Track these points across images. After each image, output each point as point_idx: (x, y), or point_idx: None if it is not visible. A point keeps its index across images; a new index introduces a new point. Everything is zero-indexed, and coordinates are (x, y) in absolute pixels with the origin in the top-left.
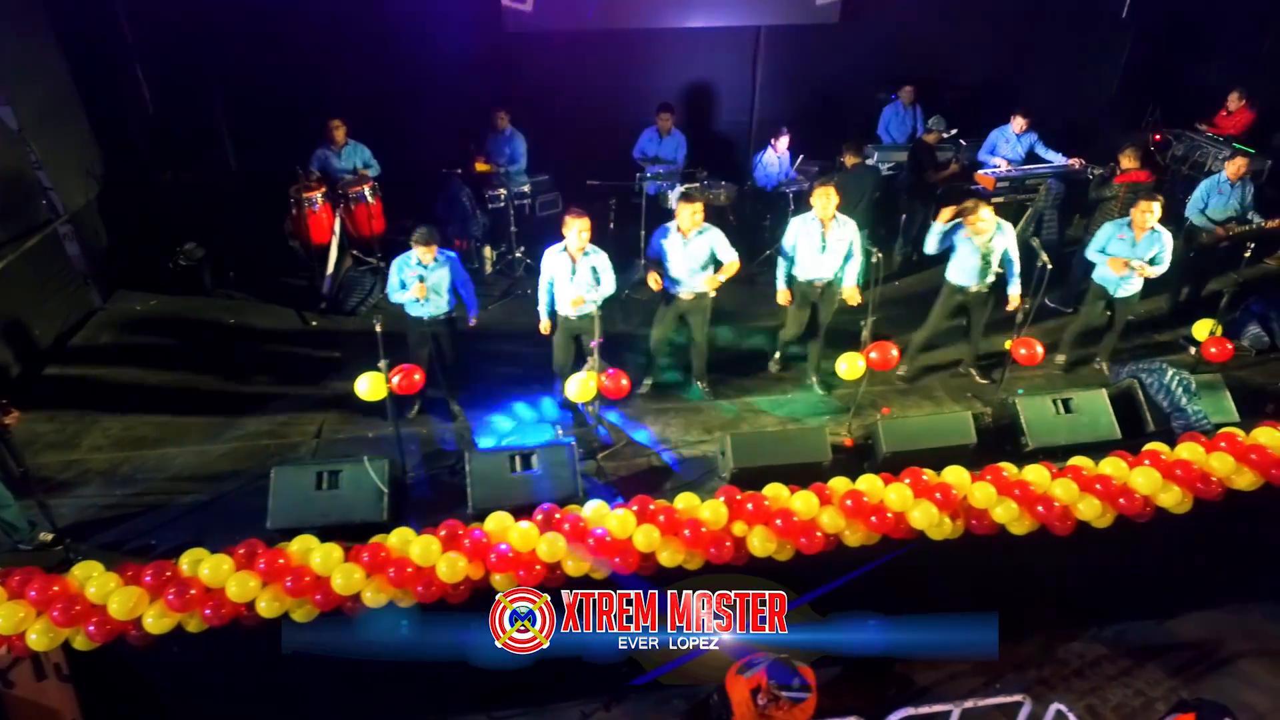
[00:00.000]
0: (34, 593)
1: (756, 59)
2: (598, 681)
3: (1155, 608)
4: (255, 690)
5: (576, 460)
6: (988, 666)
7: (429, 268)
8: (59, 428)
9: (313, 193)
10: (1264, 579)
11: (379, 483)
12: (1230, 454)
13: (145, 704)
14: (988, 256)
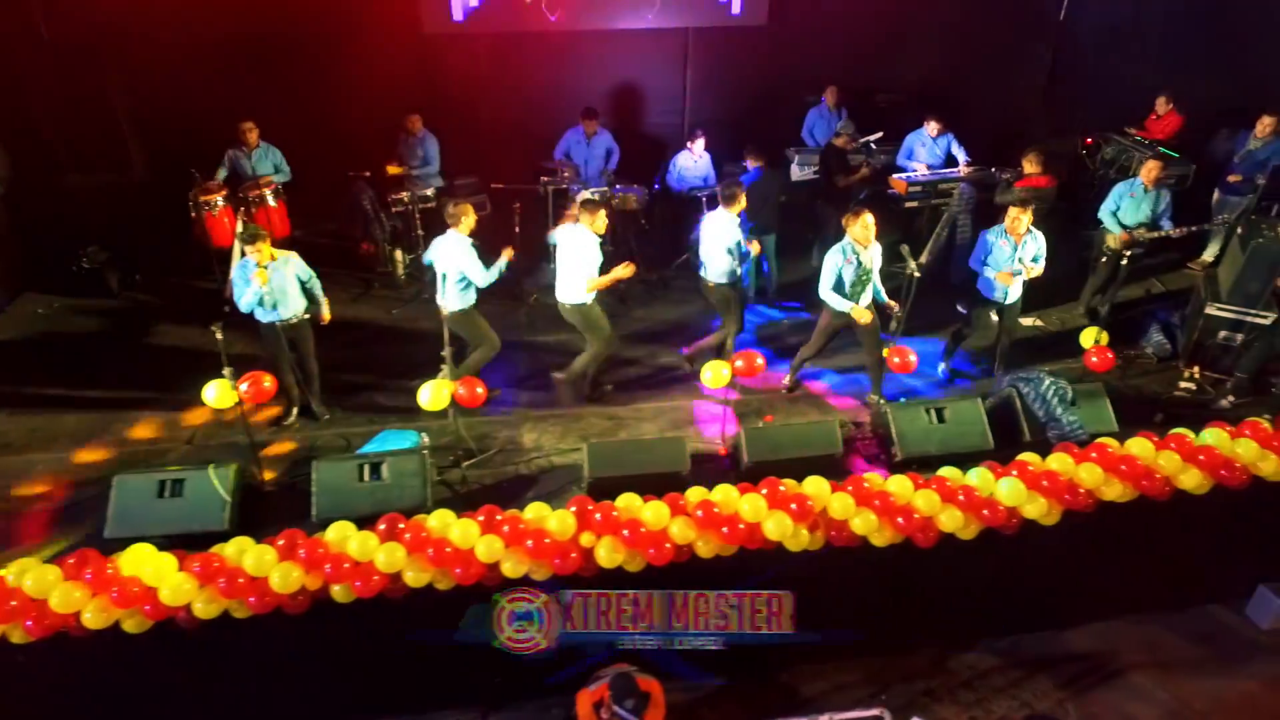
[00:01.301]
0: None
1: (686, 61)
2: (474, 690)
3: (1054, 618)
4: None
5: (427, 469)
6: (876, 676)
7: (269, 267)
8: None
9: (212, 196)
10: (1164, 588)
11: (221, 491)
12: (1100, 465)
13: None
14: (869, 273)
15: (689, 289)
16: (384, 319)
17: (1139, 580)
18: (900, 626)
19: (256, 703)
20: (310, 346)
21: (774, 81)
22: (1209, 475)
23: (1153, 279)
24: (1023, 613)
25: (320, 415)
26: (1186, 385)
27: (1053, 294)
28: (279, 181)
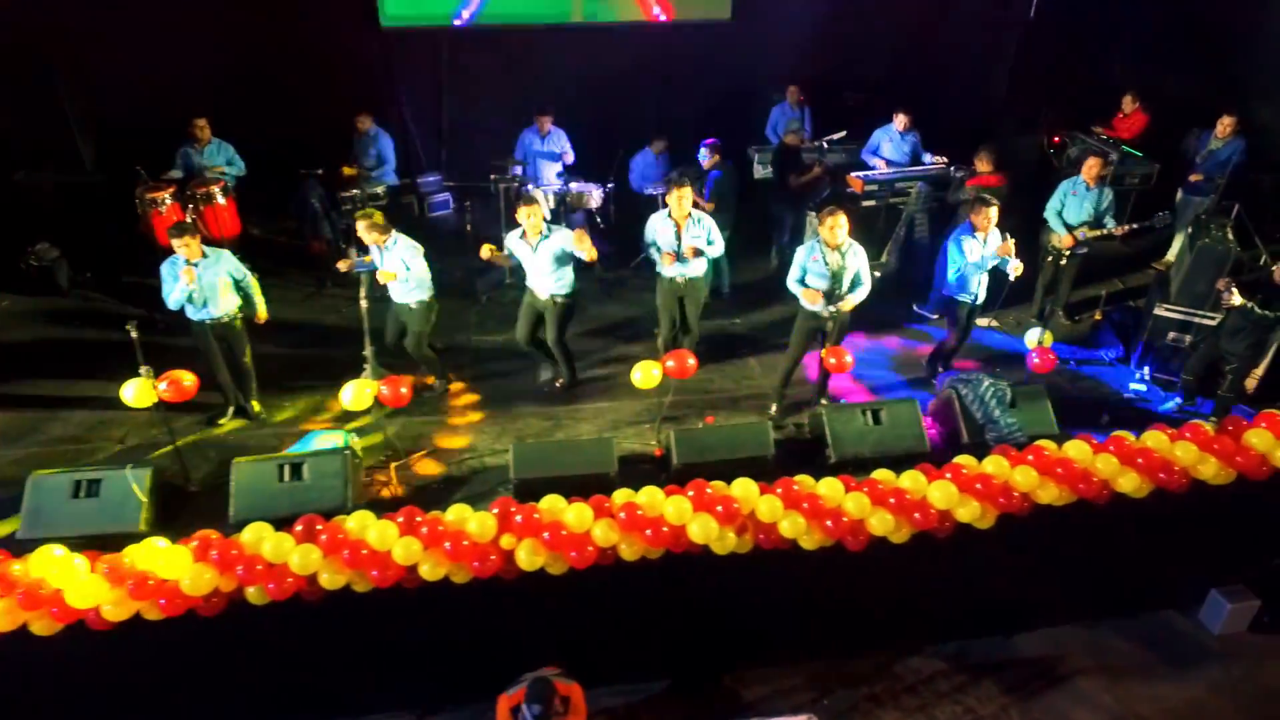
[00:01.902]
0: None
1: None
2: (410, 696)
3: (1004, 624)
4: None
5: (348, 470)
6: (819, 680)
7: (197, 264)
8: None
9: (159, 194)
10: (1118, 594)
11: (138, 492)
12: (1035, 468)
13: None
14: (838, 276)
15: (645, 288)
16: (334, 318)
17: (1092, 585)
18: (846, 630)
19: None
20: (244, 346)
21: (739, 79)
22: (1148, 478)
23: (1115, 279)
24: (972, 618)
25: (256, 415)
26: (1136, 387)
27: (1009, 295)
28: (234, 176)
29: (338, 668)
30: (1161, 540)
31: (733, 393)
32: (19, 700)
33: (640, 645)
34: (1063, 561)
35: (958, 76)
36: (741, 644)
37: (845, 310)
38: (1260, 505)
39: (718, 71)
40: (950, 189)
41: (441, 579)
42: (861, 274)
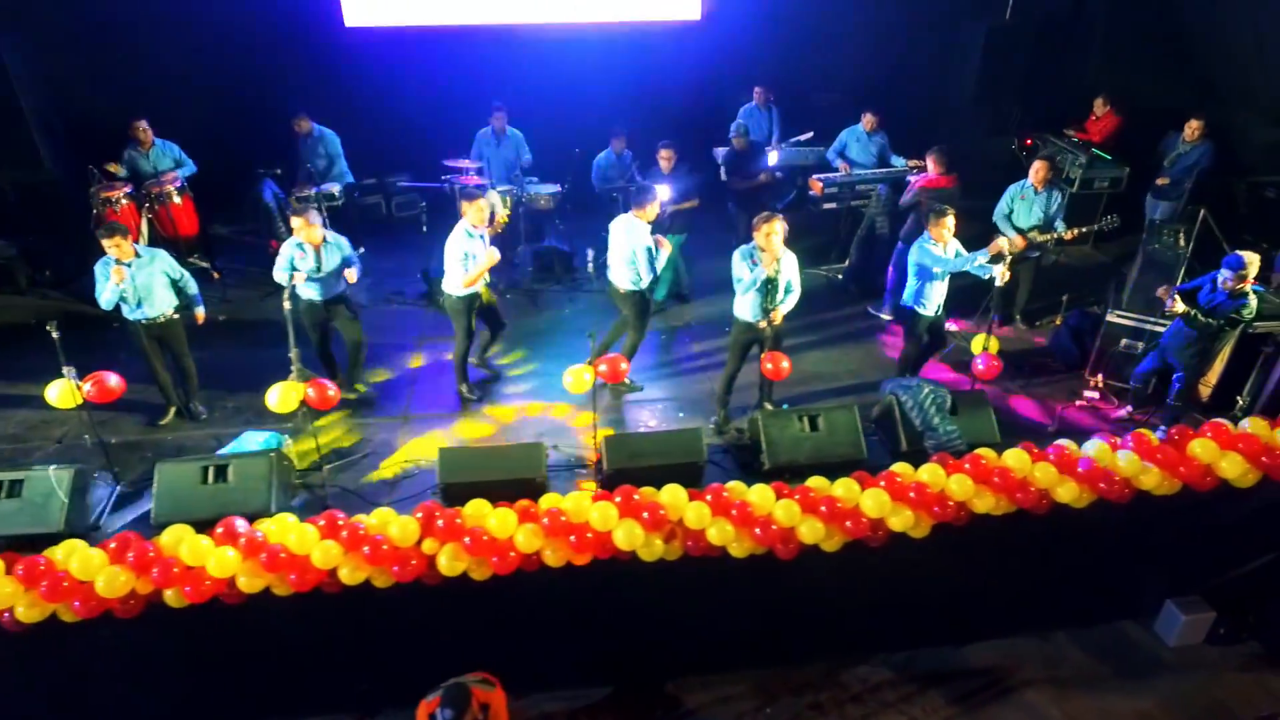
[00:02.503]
0: None
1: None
2: (344, 696)
3: (956, 633)
4: None
5: (274, 472)
6: (763, 688)
7: (131, 264)
8: None
9: (114, 193)
10: (1074, 604)
11: (59, 492)
12: (972, 476)
13: None
14: (774, 283)
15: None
16: None
17: (1046, 595)
18: (792, 638)
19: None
20: (183, 346)
21: (706, 80)
22: (1088, 488)
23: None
24: (922, 627)
25: (198, 415)
26: (1089, 394)
27: (970, 301)
28: (184, 174)
29: (269, 669)
30: (1116, 550)
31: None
32: None
33: (579, 652)
34: (1014, 571)
35: (927, 77)
36: (684, 651)
37: (779, 318)
38: (1216, 515)
39: (687, 72)
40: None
41: (363, 583)
42: (793, 281)
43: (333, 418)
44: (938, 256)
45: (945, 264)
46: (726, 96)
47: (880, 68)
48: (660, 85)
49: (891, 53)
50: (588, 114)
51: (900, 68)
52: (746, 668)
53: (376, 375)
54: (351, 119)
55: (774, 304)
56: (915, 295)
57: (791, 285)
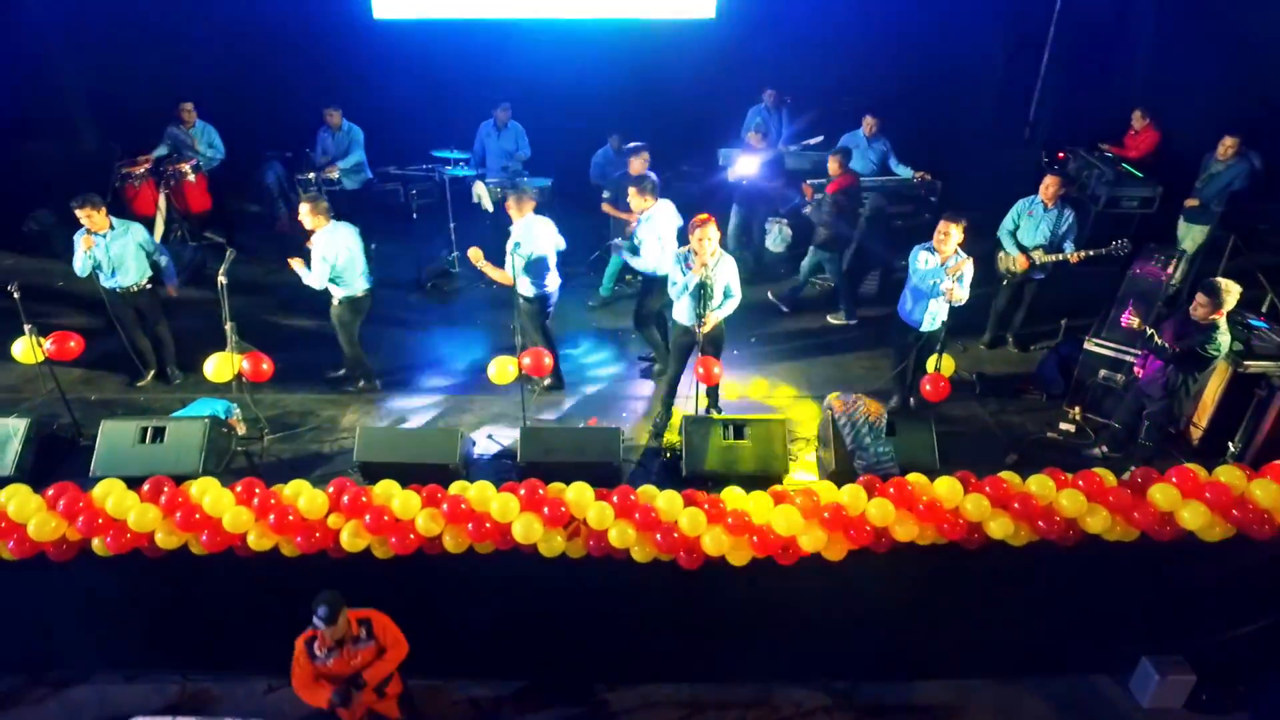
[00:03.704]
0: None
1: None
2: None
3: (907, 667)
4: None
5: (207, 438)
6: (690, 701)
7: (105, 235)
8: None
9: (135, 169)
10: (1045, 649)
11: (15, 440)
12: (894, 501)
13: None
14: (707, 288)
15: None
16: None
17: (1008, 637)
18: (722, 653)
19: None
20: (158, 314)
21: (716, 79)
22: (1025, 525)
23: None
24: (868, 657)
25: (173, 378)
26: (1066, 427)
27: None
28: (214, 158)
29: (196, 624)
30: (1076, 597)
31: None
32: None
33: (509, 644)
34: (965, 609)
35: (948, 84)
36: (611, 656)
37: (711, 324)
38: (1189, 571)
39: (697, 71)
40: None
41: (272, 549)
42: (731, 286)
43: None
44: (916, 267)
45: (919, 276)
46: (737, 96)
47: (899, 72)
48: (669, 83)
49: (912, 58)
50: (594, 109)
51: (920, 73)
52: (675, 680)
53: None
54: (373, 108)
55: (706, 309)
56: (900, 300)
57: (730, 290)
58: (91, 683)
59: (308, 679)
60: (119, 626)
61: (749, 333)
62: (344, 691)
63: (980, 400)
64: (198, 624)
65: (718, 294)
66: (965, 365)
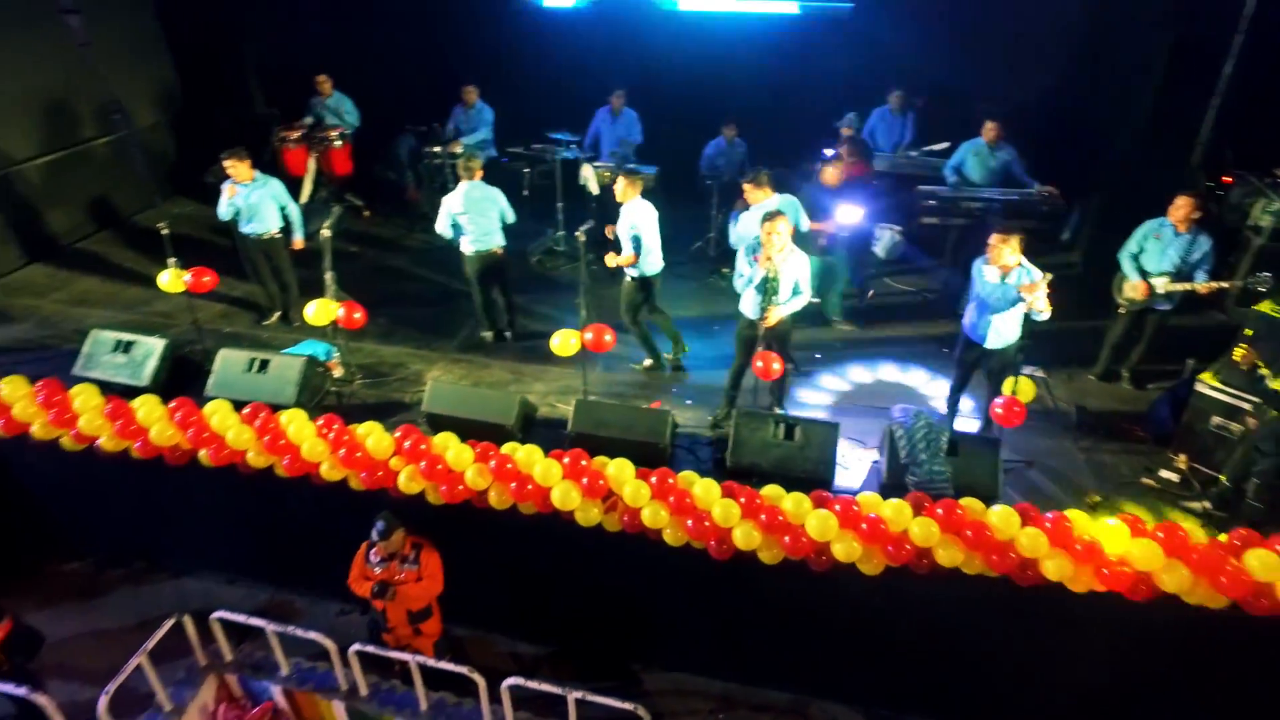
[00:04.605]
0: None
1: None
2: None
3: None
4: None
5: (304, 374)
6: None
7: (247, 186)
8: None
9: (291, 133)
10: (1114, 709)
11: (155, 356)
12: (940, 523)
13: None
14: (772, 284)
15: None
16: (406, 256)
17: (1079, 692)
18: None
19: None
20: (284, 262)
21: (844, 74)
22: (1088, 569)
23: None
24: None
25: (293, 321)
26: (1167, 475)
27: (1069, 346)
28: (348, 125)
29: (280, 541)
30: (1158, 661)
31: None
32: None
33: (553, 610)
34: (1028, 653)
35: (1097, 94)
36: (649, 639)
37: (773, 320)
38: None
39: (828, 65)
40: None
41: (342, 481)
42: (800, 283)
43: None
44: (983, 280)
45: (984, 290)
46: (863, 94)
47: (1045, 78)
48: (793, 76)
49: (1061, 62)
50: (712, 100)
51: (1068, 80)
52: (708, 674)
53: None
54: (508, 88)
55: (770, 303)
56: (964, 318)
57: (799, 288)
58: (200, 578)
59: (359, 576)
60: (224, 534)
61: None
62: (382, 587)
63: (1075, 434)
64: (285, 543)
65: (784, 289)
66: (1066, 395)
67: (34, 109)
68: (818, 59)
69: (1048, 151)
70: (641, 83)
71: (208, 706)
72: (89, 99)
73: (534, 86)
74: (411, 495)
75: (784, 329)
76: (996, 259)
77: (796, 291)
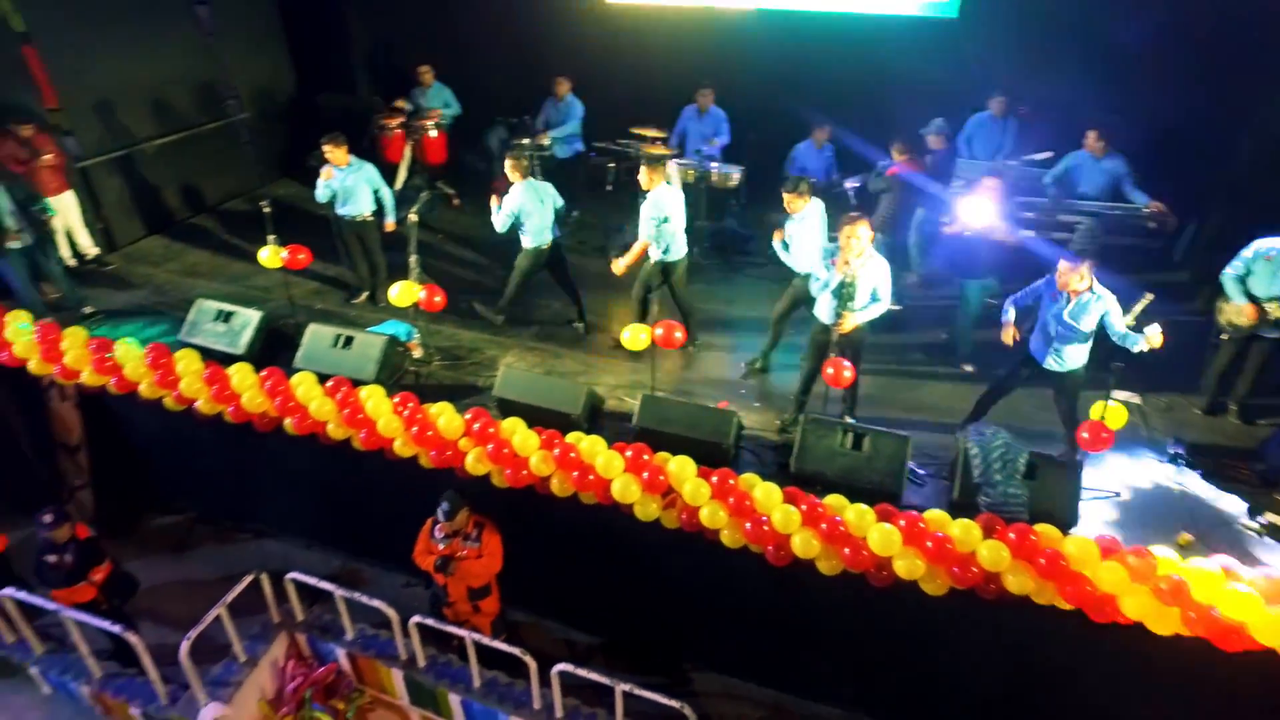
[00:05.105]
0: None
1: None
2: None
3: None
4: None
5: (384, 353)
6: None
7: (343, 170)
8: (164, 244)
9: (390, 121)
10: None
11: (252, 327)
12: (1011, 547)
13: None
14: (848, 289)
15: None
16: (486, 247)
17: None
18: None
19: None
20: (374, 243)
21: (944, 80)
22: (1176, 608)
23: None
24: None
25: (379, 301)
26: (1275, 519)
27: (1168, 375)
28: (449, 115)
29: (355, 511)
30: None
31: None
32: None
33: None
34: (1114, 698)
35: (1224, 109)
36: (705, 639)
37: (847, 326)
38: None
39: (926, 72)
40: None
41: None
42: (879, 290)
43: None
44: (1049, 304)
45: (1053, 313)
46: (961, 100)
47: (1157, 88)
48: (888, 81)
49: (1174, 72)
50: (803, 102)
51: (1183, 90)
52: (760, 681)
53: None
54: (600, 84)
55: (845, 309)
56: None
57: (878, 294)
58: (280, 541)
59: (423, 550)
60: (303, 500)
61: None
62: (444, 561)
63: (1170, 468)
64: (359, 513)
65: (861, 295)
66: (1164, 425)
67: (159, 93)
68: (918, 65)
69: (1163, 165)
70: (731, 82)
71: (278, 661)
72: (208, 85)
73: (623, 82)
74: (478, 476)
75: (859, 336)
76: (1065, 285)
77: (875, 298)
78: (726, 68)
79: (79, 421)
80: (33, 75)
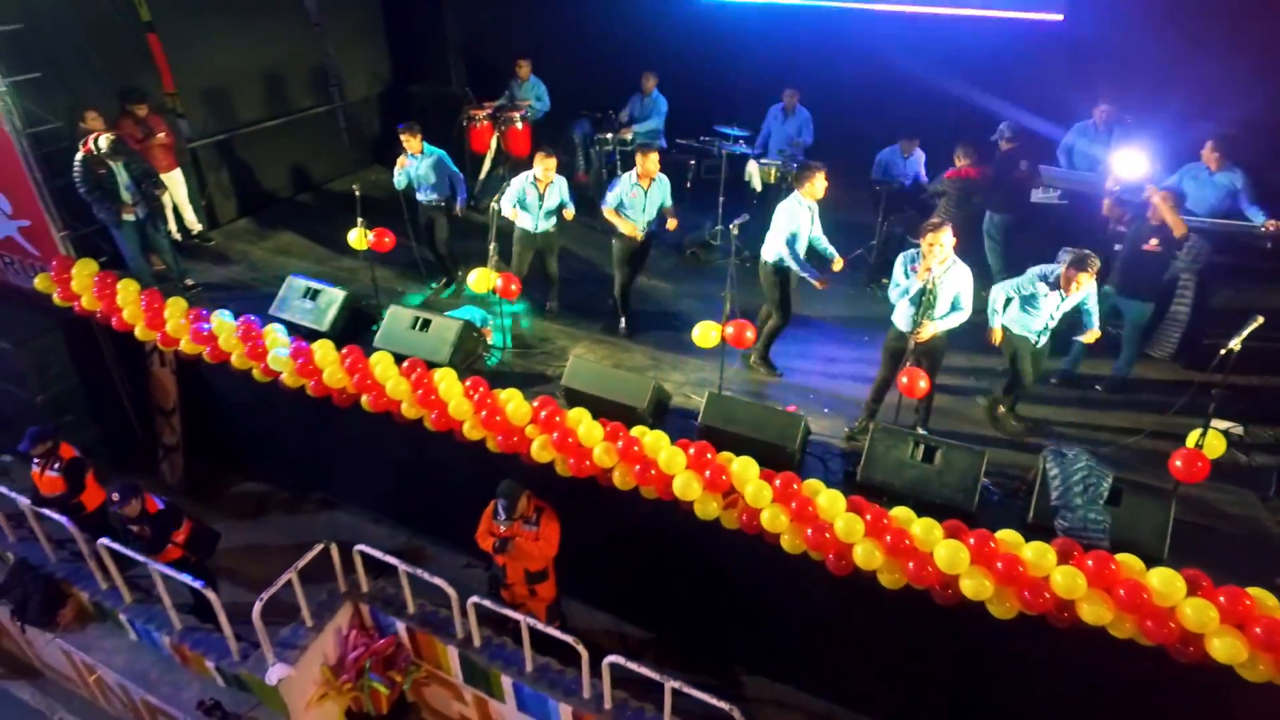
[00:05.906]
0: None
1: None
2: None
3: None
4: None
5: (459, 337)
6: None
7: (417, 158)
8: (260, 223)
9: (479, 112)
10: None
11: (335, 305)
12: (1088, 575)
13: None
14: (929, 297)
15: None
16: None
17: None
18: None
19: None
20: (441, 230)
21: (1045, 89)
22: (1264, 655)
23: None
24: None
25: (460, 287)
26: None
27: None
28: (539, 110)
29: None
30: None
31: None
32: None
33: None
34: None
35: None
36: (759, 645)
37: (925, 334)
38: None
39: (1024, 77)
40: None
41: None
42: (961, 299)
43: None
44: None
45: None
46: (1063, 110)
47: None
48: (991, 87)
49: None
50: (889, 106)
51: None
52: (813, 691)
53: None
54: (689, 81)
55: (924, 316)
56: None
57: (959, 303)
58: (350, 512)
59: (485, 531)
60: (375, 475)
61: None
62: (503, 542)
63: (1270, 504)
64: (426, 492)
65: (942, 303)
66: (1269, 459)
67: (264, 79)
68: (1017, 72)
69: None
70: (820, 84)
71: (342, 629)
72: (311, 73)
73: (710, 80)
74: (542, 464)
75: (937, 345)
76: (1071, 289)
77: (956, 307)
78: (813, 69)
79: (175, 386)
80: (155, 60)
